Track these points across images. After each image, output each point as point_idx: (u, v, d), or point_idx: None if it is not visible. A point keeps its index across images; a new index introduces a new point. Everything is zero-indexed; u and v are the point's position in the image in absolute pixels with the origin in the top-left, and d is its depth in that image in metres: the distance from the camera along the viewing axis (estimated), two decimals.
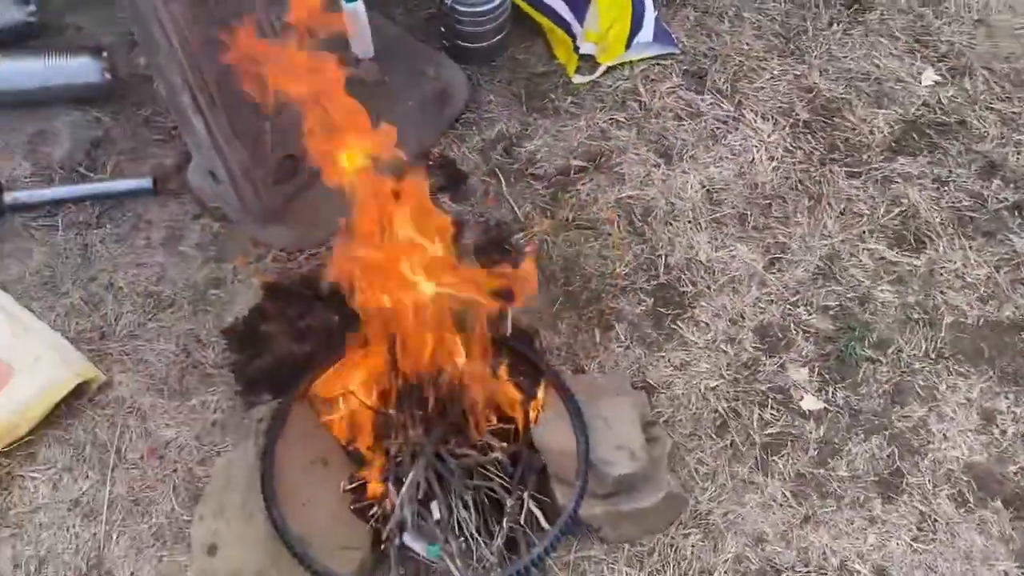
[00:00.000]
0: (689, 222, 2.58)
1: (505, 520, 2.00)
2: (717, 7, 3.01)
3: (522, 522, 2.03)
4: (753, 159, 2.69)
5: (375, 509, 2.02)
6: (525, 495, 2.05)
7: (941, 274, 2.44)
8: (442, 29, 2.86)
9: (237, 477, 1.98)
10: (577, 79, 2.85)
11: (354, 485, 2.05)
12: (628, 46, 2.87)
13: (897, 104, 2.78)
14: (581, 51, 2.84)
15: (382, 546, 2.00)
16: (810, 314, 2.40)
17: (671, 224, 2.57)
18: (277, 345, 2.36)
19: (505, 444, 2.10)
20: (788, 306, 2.42)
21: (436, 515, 1.99)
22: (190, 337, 2.38)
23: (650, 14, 2.87)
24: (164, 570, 2.06)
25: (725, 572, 2.04)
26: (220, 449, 2.21)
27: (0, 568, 2.06)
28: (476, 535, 1.99)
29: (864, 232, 2.53)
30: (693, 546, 2.07)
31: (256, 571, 1.85)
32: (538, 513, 2.05)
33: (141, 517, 2.13)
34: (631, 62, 2.88)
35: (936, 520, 2.09)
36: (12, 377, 2.22)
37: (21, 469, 2.19)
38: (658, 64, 2.89)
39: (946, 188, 2.60)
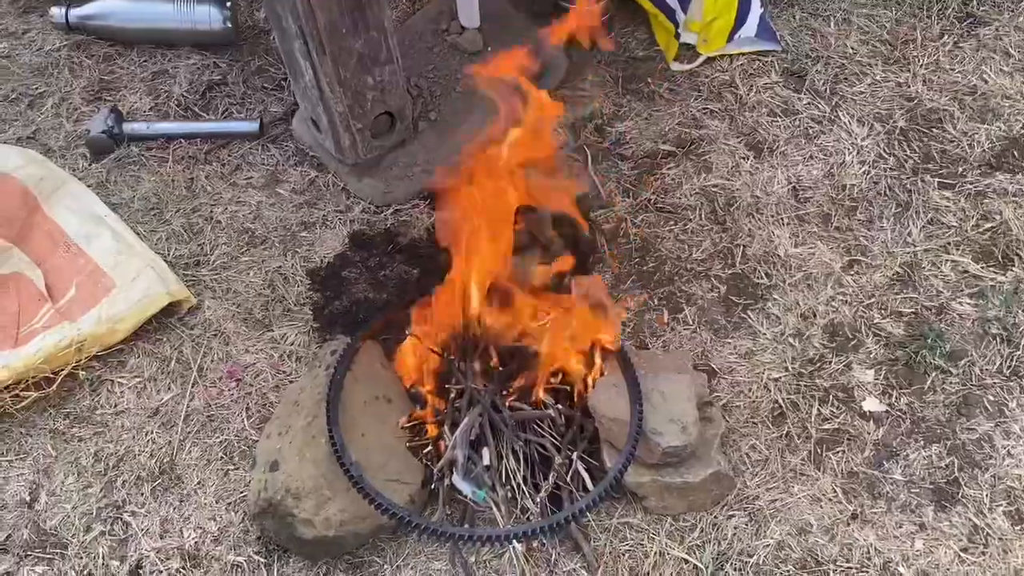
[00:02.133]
0: (772, 216, 2.58)
1: (552, 475, 2.05)
2: (825, 10, 3.00)
3: (568, 480, 2.08)
4: (844, 161, 2.67)
5: (429, 449, 2.11)
6: (574, 455, 2.09)
7: None
8: (550, 7, 2.92)
9: (305, 402, 2.09)
10: (675, 66, 2.88)
11: (412, 424, 2.13)
12: (730, 39, 2.88)
13: (1002, 120, 2.72)
14: (682, 40, 2.87)
15: (432, 485, 2.08)
16: (883, 318, 2.38)
17: (753, 216, 2.58)
18: (356, 290, 2.47)
19: (560, 405, 2.15)
20: (862, 308, 2.40)
21: (486, 461, 2.05)
22: (277, 273, 2.51)
23: (756, 10, 2.88)
24: (228, 482, 2.18)
25: (765, 557, 2.05)
26: (293, 379, 2.32)
27: (82, 461, 2.22)
28: (522, 486, 2.04)
29: (950, 243, 2.49)
30: (736, 528, 2.09)
31: (312, 488, 1.95)
32: (585, 475, 2.09)
33: (213, 432, 2.27)
34: (731, 55, 2.90)
35: (989, 534, 2.05)
36: (113, 290, 2.39)
37: (111, 374, 2.35)
38: (758, 59, 2.89)
39: None
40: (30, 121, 2.84)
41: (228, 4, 2.91)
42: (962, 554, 2.03)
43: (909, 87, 2.82)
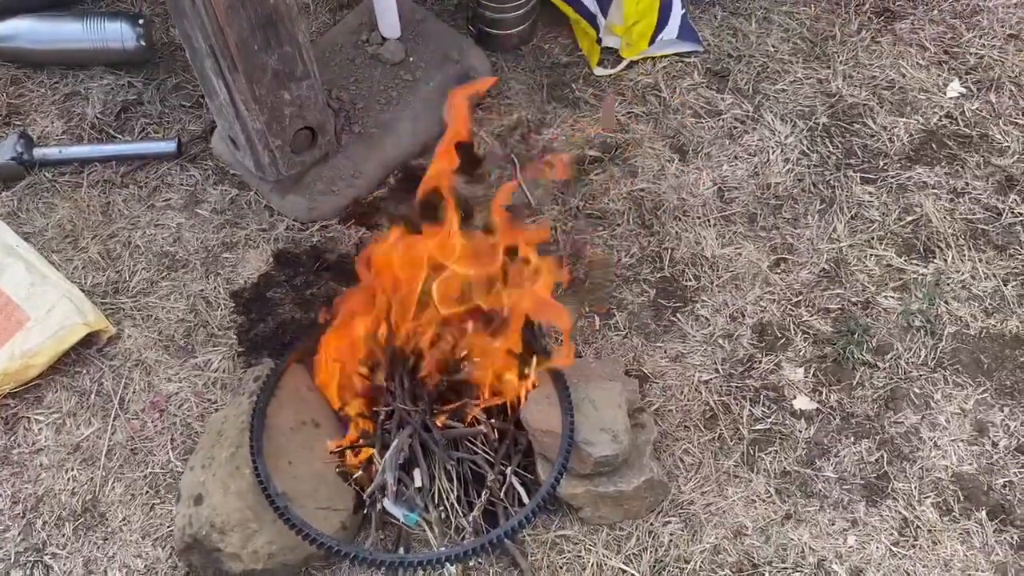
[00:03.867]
0: (698, 218, 2.58)
1: (484, 492, 2.03)
2: (746, 8, 3.01)
3: (503, 497, 2.05)
4: (768, 160, 2.69)
5: (359, 473, 2.07)
6: (508, 470, 2.07)
7: (947, 284, 2.42)
8: (470, 15, 2.91)
9: (228, 432, 2.04)
10: (599, 71, 2.87)
11: (341, 448, 2.09)
12: (652, 42, 2.88)
13: (920, 114, 2.76)
14: (604, 44, 2.86)
15: (364, 510, 2.04)
16: (811, 315, 2.40)
17: (680, 219, 2.58)
18: (282, 311, 2.43)
19: (493, 420, 2.13)
20: (790, 306, 2.42)
21: (418, 483, 2.02)
22: (199, 297, 2.45)
23: (677, 11, 2.88)
24: (154, 517, 2.12)
25: (702, 562, 2.05)
26: (219, 407, 2.26)
27: None
28: (455, 505, 2.02)
29: (873, 238, 2.52)
30: (672, 534, 2.08)
31: (237, 521, 1.90)
32: (520, 489, 2.07)
33: (138, 466, 2.20)
34: (654, 57, 2.90)
35: (919, 527, 2.07)
36: (26, 323, 2.31)
37: (28, 411, 2.27)
38: (681, 61, 2.90)
39: (961, 200, 2.58)
40: None
41: (141, 21, 2.82)
42: (894, 548, 2.05)
43: (830, 83, 2.85)
